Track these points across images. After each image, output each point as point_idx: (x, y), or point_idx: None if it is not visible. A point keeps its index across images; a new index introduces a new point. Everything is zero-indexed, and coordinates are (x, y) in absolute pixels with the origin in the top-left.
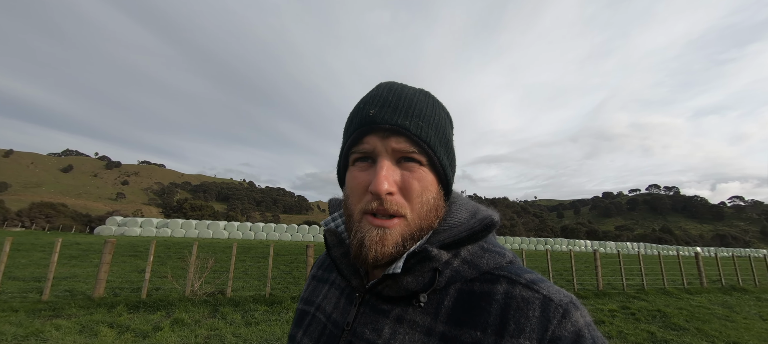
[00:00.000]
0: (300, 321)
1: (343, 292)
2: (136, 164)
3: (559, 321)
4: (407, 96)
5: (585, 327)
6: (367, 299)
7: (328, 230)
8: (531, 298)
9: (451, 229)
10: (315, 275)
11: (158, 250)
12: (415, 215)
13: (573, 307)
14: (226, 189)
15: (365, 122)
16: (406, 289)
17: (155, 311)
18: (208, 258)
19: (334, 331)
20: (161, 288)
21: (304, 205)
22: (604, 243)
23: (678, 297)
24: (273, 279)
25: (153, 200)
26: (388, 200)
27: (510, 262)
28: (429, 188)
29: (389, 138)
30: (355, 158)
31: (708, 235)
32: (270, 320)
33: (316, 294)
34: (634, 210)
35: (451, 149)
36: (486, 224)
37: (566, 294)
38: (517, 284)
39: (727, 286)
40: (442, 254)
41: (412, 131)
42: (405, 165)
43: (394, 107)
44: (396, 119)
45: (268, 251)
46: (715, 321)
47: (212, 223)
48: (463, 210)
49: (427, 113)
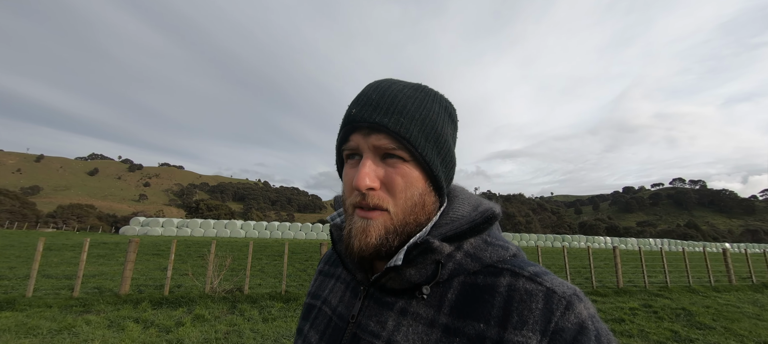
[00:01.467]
0: (307, 314)
1: (348, 286)
2: (156, 167)
3: (562, 313)
4: (391, 93)
5: (588, 318)
6: (371, 292)
7: (333, 225)
8: (534, 290)
9: (453, 222)
10: (322, 270)
11: (179, 249)
12: (399, 209)
13: (576, 299)
14: (242, 189)
15: (348, 121)
16: (409, 281)
17: (177, 307)
18: (226, 256)
19: (339, 324)
20: (182, 285)
21: (318, 204)
22: (624, 240)
23: (704, 295)
24: (288, 277)
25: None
26: (370, 195)
27: (513, 255)
28: (414, 184)
29: (370, 135)
30: (346, 154)
31: (737, 230)
32: (286, 316)
33: (323, 288)
34: (657, 205)
35: (443, 143)
36: (487, 216)
37: (570, 285)
38: (521, 276)
39: (759, 284)
40: (445, 246)
41: (390, 127)
42: (389, 161)
43: (375, 105)
44: (374, 117)
45: (283, 249)
46: (744, 320)
47: (229, 222)
48: (466, 204)
49: (410, 109)
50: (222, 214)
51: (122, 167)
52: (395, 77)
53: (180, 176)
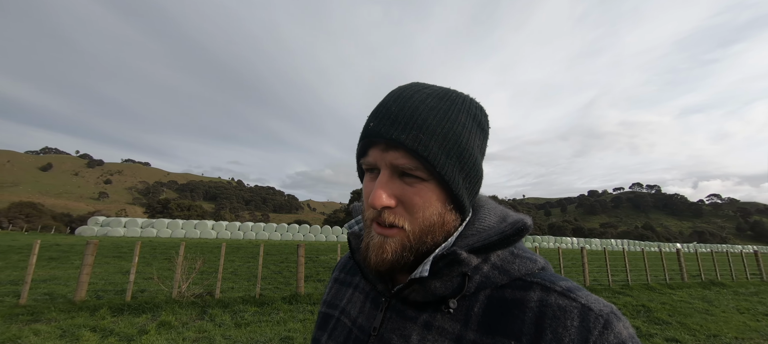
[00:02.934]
0: (324, 324)
1: (367, 296)
2: (119, 163)
3: (600, 333)
4: (412, 105)
5: (629, 338)
6: (394, 304)
7: (352, 234)
8: (568, 307)
9: (480, 233)
10: (337, 278)
11: (143, 251)
12: (416, 228)
13: (615, 318)
14: (214, 188)
15: (366, 135)
16: (434, 294)
17: (140, 314)
18: (196, 258)
19: (360, 336)
20: (147, 290)
21: (295, 204)
22: (589, 240)
23: (661, 292)
24: (263, 280)
25: (137, 199)
26: (386, 213)
27: (542, 268)
28: (432, 204)
29: (388, 152)
30: (365, 168)
31: (687, 232)
32: (260, 321)
33: (340, 297)
34: (618, 208)
35: (467, 158)
36: (518, 227)
37: (606, 303)
38: (553, 291)
39: (707, 281)
40: (472, 258)
41: (408, 145)
42: (407, 180)
43: (394, 119)
44: (392, 133)
45: (257, 251)
46: (696, 315)
47: (200, 223)
48: (492, 215)
49: (431, 123)
50: (192, 214)
51: (80, 162)
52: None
53: (146, 174)
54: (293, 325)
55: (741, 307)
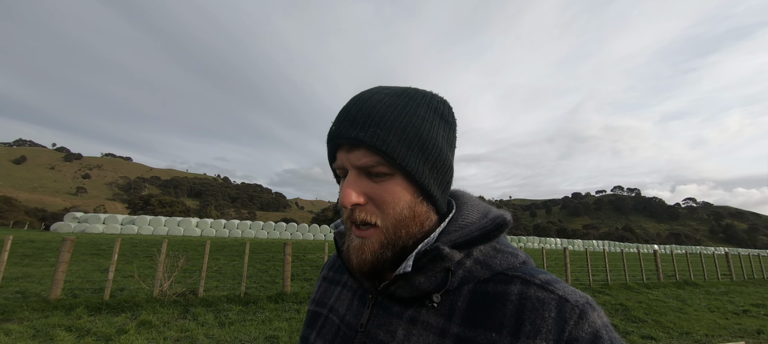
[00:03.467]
0: (312, 322)
1: (355, 294)
2: (99, 157)
3: (576, 322)
4: (370, 105)
5: (603, 327)
6: (380, 300)
7: (338, 233)
8: (546, 299)
9: (463, 229)
10: (325, 276)
11: (123, 248)
12: (389, 223)
13: (590, 308)
14: (199, 185)
15: (329, 139)
16: (419, 289)
17: (120, 313)
18: (179, 256)
19: (347, 333)
20: (126, 289)
21: (282, 202)
22: (572, 241)
23: (638, 292)
24: (249, 278)
25: (118, 195)
26: (357, 211)
27: (523, 263)
28: (400, 198)
29: (352, 152)
30: (338, 173)
31: (664, 233)
32: (245, 320)
33: (328, 295)
34: (600, 210)
35: (431, 148)
36: (498, 223)
37: (582, 294)
38: (532, 284)
39: (681, 281)
40: (455, 253)
41: (367, 142)
42: (373, 178)
43: (353, 120)
44: (351, 133)
45: (243, 249)
46: (670, 314)
47: (183, 220)
48: (474, 211)
49: (389, 118)
50: (175, 211)
51: (56, 155)
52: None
53: (127, 169)
54: (279, 324)
55: (712, 306)
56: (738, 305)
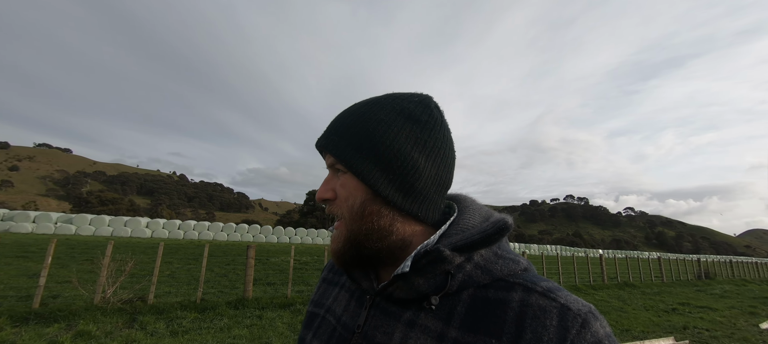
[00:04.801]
0: (310, 323)
1: (353, 295)
2: (30, 147)
3: (578, 331)
4: (342, 116)
5: (605, 337)
6: (378, 301)
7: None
8: (548, 307)
9: (463, 232)
10: (325, 278)
11: (59, 251)
12: (347, 215)
13: (592, 317)
14: (151, 182)
15: (316, 146)
16: (418, 291)
17: (52, 323)
18: (126, 259)
19: (343, 334)
20: (61, 296)
21: (245, 202)
22: (529, 246)
23: (586, 293)
24: (206, 283)
25: (53, 191)
26: (328, 206)
27: (525, 270)
28: (353, 194)
29: (325, 155)
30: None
31: (608, 239)
32: (201, 328)
33: (326, 296)
34: (554, 217)
35: (384, 150)
36: (499, 227)
37: (585, 303)
38: (534, 292)
39: (622, 282)
40: (455, 256)
41: (328, 148)
42: (338, 175)
43: (327, 130)
44: (321, 141)
45: (200, 251)
46: (613, 313)
47: (131, 219)
48: (476, 214)
49: (347, 124)
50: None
51: None
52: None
53: (65, 161)
54: (239, 331)
55: (647, 305)
56: (668, 304)
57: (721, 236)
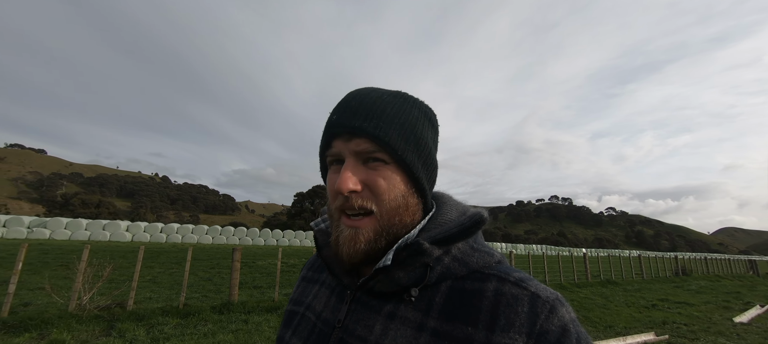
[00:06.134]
0: (289, 321)
1: (333, 291)
2: (1, 148)
3: (546, 316)
4: (370, 99)
5: (570, 321)
6: (359, 296)
7: (318, 231)
8: (520, 295)
9: (442, 226)
10: (305, 276)
11: (31, 256)
12: (384, 210)
13: (559, 303)
14: (132, 184)
15: (329, 127)
16: (398, 284)
17: (22, 332)
18: (104, 264)
19: (324, 329)
20: (33, 304)
21: (230, 205)
22: (516, 245)
23: (570, 290)
24: (190, 287)
25: (25, 193)
26: (354, 197)
27: (498, 262)
28: (395, 185)
29: (351, 141)
30: (330, 161)
31: (591, 238)
32: (183, 334)
33: (306, 294)
34: (539, 217)
35: (423, 146)
36: (475, 220)
37: (552, 291)
38: (507, 281)
39: (604, 280)
40: (434, 249)
41: (369, 131)
42: (370, 165)
43: (354, 111)
44: (354, 123)
45: (183, 256)
46: (596, 310)
47: (110, 223)
48: (453, 209)
49: (389, 113)
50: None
51: None
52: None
53: (39, 163)
54: (223, 337)
55: (629, 301)
56: (648, 300)
57: (696, 234)
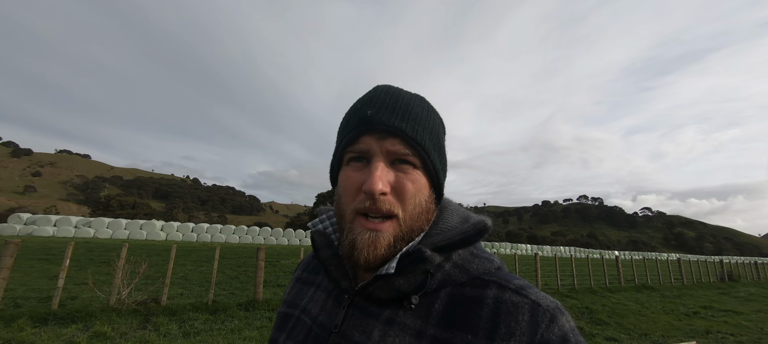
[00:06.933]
0: (283, 324)
1: (330, 294)
2: (52, 153)
3: (547, 325)
4: (404, 100)
5: (570, 331)
6: (356, 301)
7: (316, 232)
8: (520, 303)
9: (444, 233)
10: (299, 277)
11: (77, 253)
12: (408, 215)
13: (559, 312)
14: (166, 186)
15: (362, 123)
16: (398, 291)
17: (69, 324)
18: (140, 262)
19: (320, 334)
20: (79, 297)
21: (256, 205)
22: (542, 247)
23: (602, 295)
24: (217, 285)
25: (73, 195)
26: (381, 200)
27: (498, 268)
28: (421, 191)
29: (385, 139)
30: (350, 157)
31: (624, 241)
32: (212, 329)
33: (301, 296)
34: (567, 218)
35: (443, 154)
36: (479, 228)
37: (552, 299)
38: (507, 289)
39: (639, 285)
40: (435, 256)
41: (408, 133)
42: (399, 167)
43: (392, 109)
44: (393, 121)
45: (212, 254)
46: (630, 316)
47: (147, 223)
48: (455, 215)
49: (422, 117)
50: (138, 213)
51: (2, 150)
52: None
53: (85, 167)
54: (249, 333)
55: (666, 308)
56: (689, 307)
57: (746, 237)
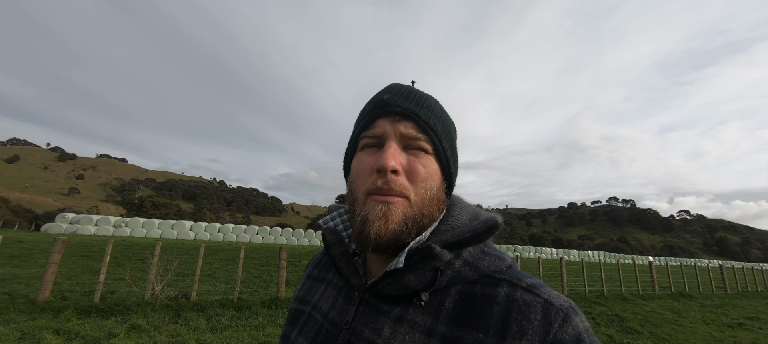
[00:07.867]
0: (294, 320)
1: (340, 291)
2: (93, 158)
3: (560, 325)
4: (418, 92)
5: (584, 331)
6: (367, 298)
7: (327, 229)
8: (532, 302)
9: (454, 229)
10: (310, 274)
11: (115, 251)
12: (419, 199)
13: (573, 312)
14: (195, 187)
15: (378, 105)
16: (408, 288)
17: (109, 316)
18: (171, 259)
19: (331, 330)
20: (117, 292)
21: (278, 207)
22: (567, 251)
23: (634, 303)
24: (242, 283)
25: (111, 196)
26: (393, 179)
27: (509, 266)
28: (433, 176)
29: (399, 122)
30: (364, 143)
31: (659, 245)
32: (238, 325)
33: (312, 293)
34: (595, 221)
35: (454, 149)
36: (489, 225)
37: (566, 298)
38: (519, 287)
39: (676, 293)
40: (445, 253)
41: (421, 116)
42: (411, 152)
43: (406, 96)
44: (407, 105)
45: (237, 253)
46: (666, 326)
47: (177, 223)
48: (465, 212)
49: (435, 109)
50: (169, 213)
51: (50, 155)
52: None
53: (122, 170)
54: (272, 330)
55: (707, 318)
56: (733, 318)
57: None
